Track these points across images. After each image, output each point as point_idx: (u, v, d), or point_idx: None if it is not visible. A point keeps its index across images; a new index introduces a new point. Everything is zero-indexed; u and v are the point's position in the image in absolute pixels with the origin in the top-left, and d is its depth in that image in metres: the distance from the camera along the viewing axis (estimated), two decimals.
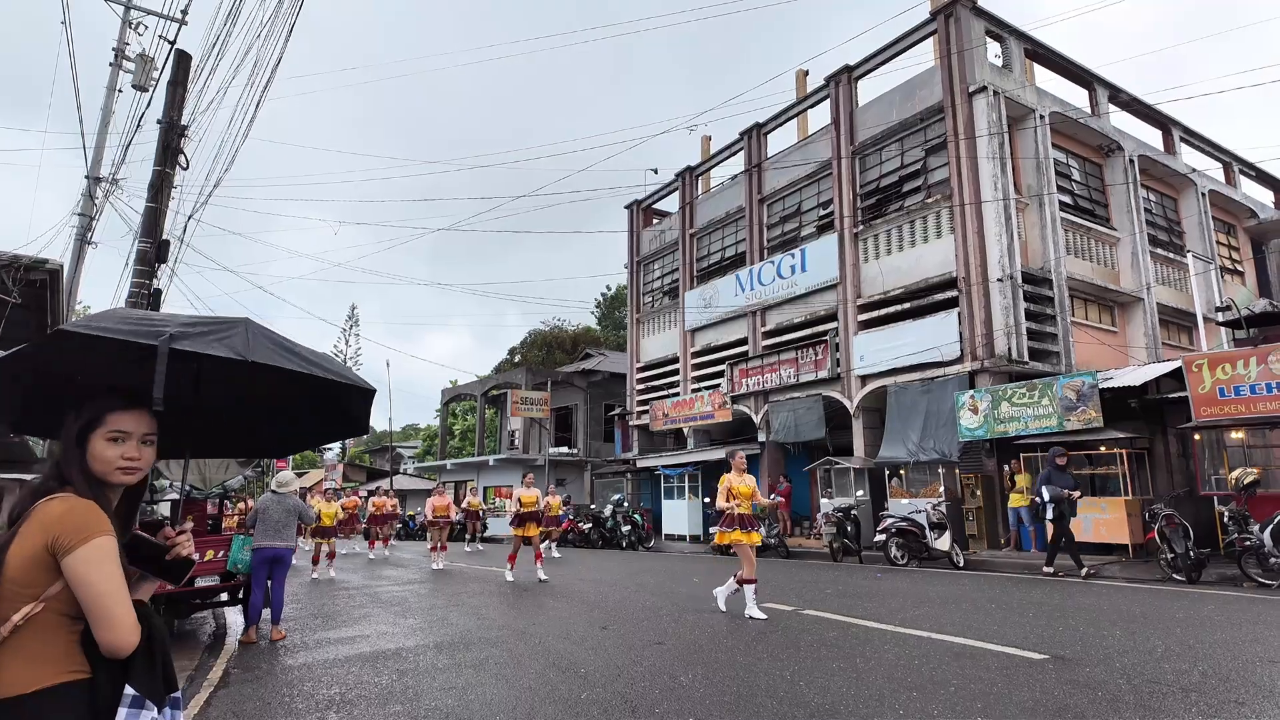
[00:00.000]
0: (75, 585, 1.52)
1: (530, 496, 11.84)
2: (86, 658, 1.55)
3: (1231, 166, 23.56)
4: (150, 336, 1.95)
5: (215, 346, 2.09)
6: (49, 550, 1.52)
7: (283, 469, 31.14)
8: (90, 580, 1.52)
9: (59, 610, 1.53)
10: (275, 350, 2.25)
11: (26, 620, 1.49)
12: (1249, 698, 4.23)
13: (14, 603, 1.49)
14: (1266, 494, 10.70)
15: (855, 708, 4.30)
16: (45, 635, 1.51)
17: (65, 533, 1.53)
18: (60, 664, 1.52)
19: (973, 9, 16.84)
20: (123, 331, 1.95)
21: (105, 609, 1.52)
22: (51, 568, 1.52)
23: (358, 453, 62.81)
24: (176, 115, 9.08)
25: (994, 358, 15.07)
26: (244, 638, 7.11)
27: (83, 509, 1.58)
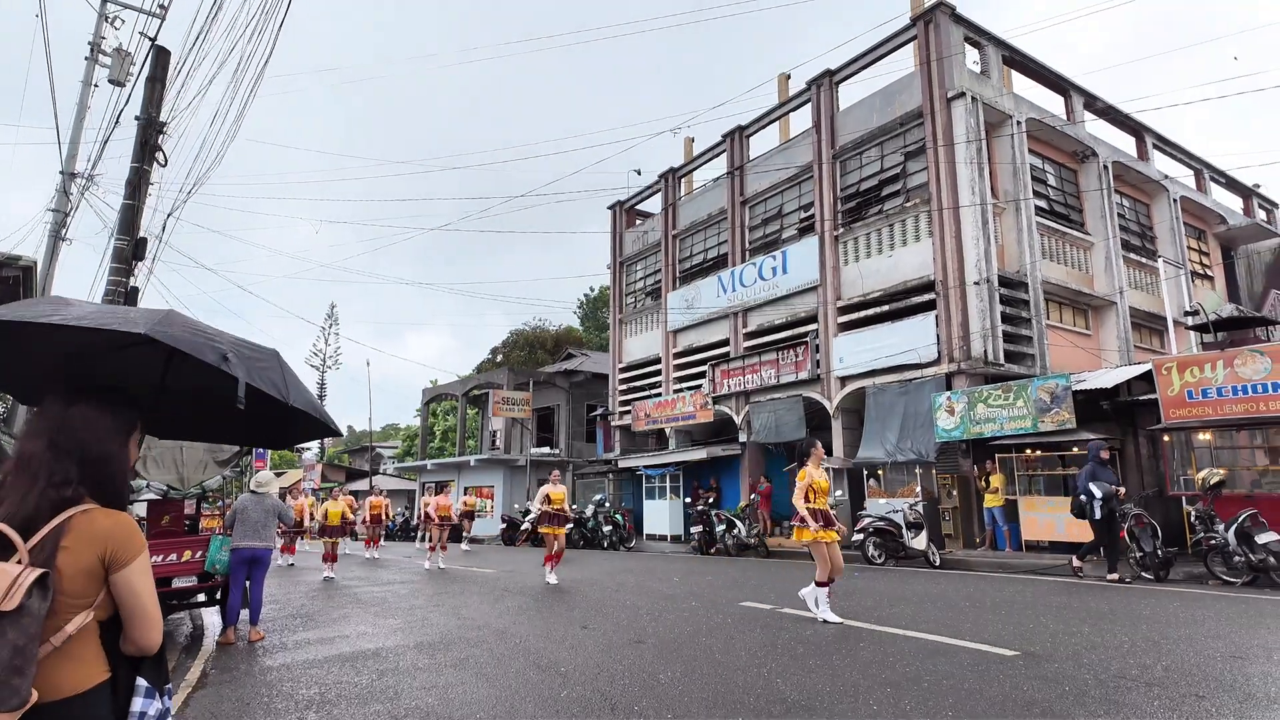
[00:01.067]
0: (126, 594, 1.64)
1: (559, 494, 11.33)
2: (107, 657, 1.66)
3: (1202, 173, 24.06)
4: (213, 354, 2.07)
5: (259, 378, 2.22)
6: (102, 563, 1.62)
7: (261, 469, 30.84)
8: (141, 589, 1.65)
9: (98, 617, 1.64)
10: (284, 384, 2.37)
11: (77, 628, 1.59)
12: (1210, 692, 4.37)
13: (67, 613, 1.58)
14: (1232, 494, 10.95)
15: (831, 704, 4.38)
16: (87, 640, 1.62)
17: (120, 547, 1.64)
18: (96, 665, 1.62)
19: (952, 16, 17.08)
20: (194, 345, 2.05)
21: (151, 612, 1.67)
22: (101, 578, 1.62)
23: (336, 453, 62.29)
24: (155, 112, 9.00)
25: (970, 360, 15.30)
26: (222, 639, 7.07)
27: (128, 523, 1.70)
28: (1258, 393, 11.06)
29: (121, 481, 1.76)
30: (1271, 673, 4.76)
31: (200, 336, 2.15)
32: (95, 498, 1.68)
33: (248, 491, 7.70)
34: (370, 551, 18.20)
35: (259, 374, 2.24)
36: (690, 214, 24.74)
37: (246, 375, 2.15)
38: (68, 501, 1.64)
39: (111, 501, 1.71)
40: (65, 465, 1.67)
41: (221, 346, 2.12)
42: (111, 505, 1.70)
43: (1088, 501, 9.78)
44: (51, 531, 1.59)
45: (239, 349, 2.26)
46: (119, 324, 2.00)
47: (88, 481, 1.69)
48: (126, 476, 1.79)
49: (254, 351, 2.33)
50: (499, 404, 29.76)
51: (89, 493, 1.68)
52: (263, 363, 2.31)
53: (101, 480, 1.71)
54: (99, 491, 1.70)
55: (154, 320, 2.02)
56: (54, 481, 1.65)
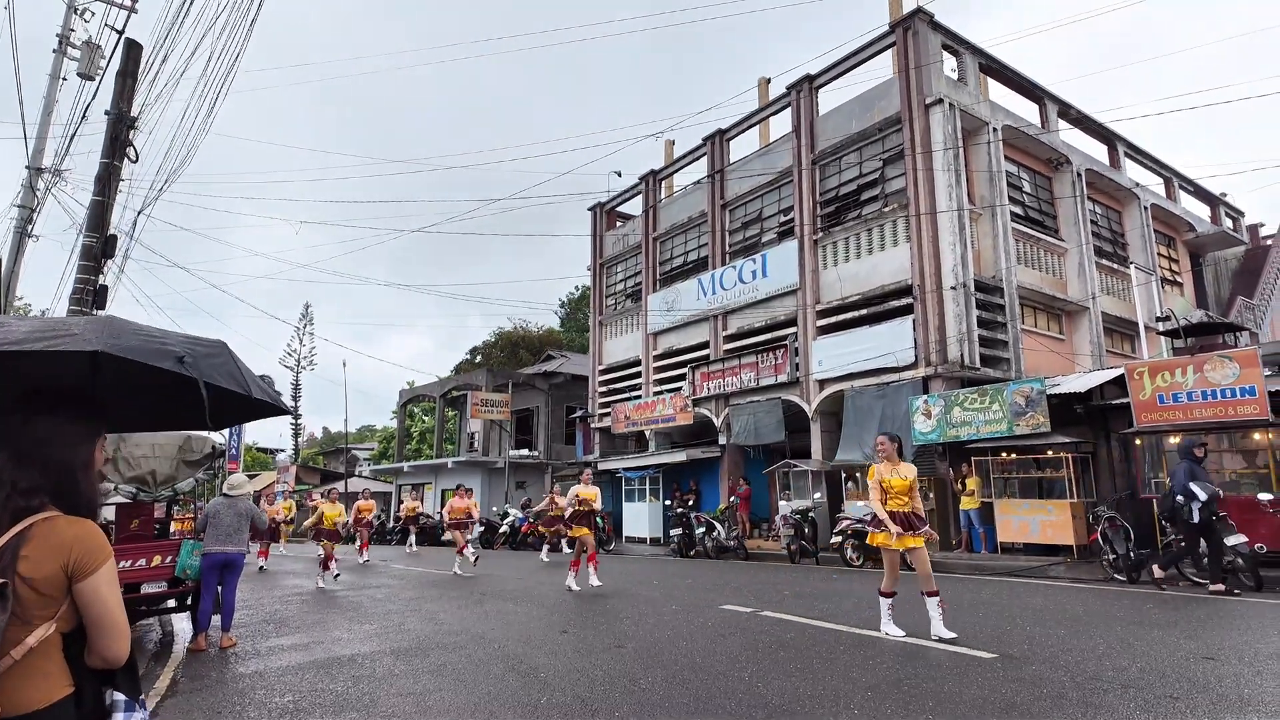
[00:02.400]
0: (91, 604, 1.58)
1: (591, 494, 10.81)
2: (71, 671, 1.60)
3: (1172, 182, 24.55)
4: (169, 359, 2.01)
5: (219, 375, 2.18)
6: (65, 573, 1.56)
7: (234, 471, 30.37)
8: (107, 599, 1.60)
9: (60, 628, 1.58)
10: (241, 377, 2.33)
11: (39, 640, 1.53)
12: (1183, 693, 4.43)
13: (28, 625, 1.52)
14: None
15: (812, 708, 4.38)
16: (50, 653, 1.56)
17: (84, 556, 1.58)
18: (60, 679, 1.56)
19: (930, 23, 17.27)
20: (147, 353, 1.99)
21: (118, 622, 1.61)
22: (64, 588, 1.56)
23: (311, 455, 61.51)
24: (126, 107, 8.81)
25: (947, 363, 15.45)
26: (193, 645, 6.92)
27: (93, 530, 1.64)
28: (1226, 397, 11.28)
29: (88, 489, 1.71)
30: (1243, 673, 4.83)
31: (151, 342, 2.11)
32: (59, 506, 1.63)
33: (220, 495, 7.55)
34: (362, 555, 17.43)
35: (217, 370, 2.21)
36: (671, 216, 24.76)
37: (205, 374, 2.12)
38: (29, 510, 1.59)
39: (76, 509, 1.65)
40: (28, 474, 1.62)
41: (174, 349, 2.09)
42: (76, 513, 1.64)
43: (1185, 503, 8.67)
44: (11, 540, 1.53)
45: (191, 348, 2.22)
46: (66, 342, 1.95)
47: (51, 490, 1.63)
48: (93, 484, 1.73)
49: (205, 348, 2.30)
50: (477, 406, 29.56)
51: (52, 501, 1.62)
52: (216, 358, 2.29)
53: (66, 488, 1.65)
54: (63, 499, 1.64)
55: (100, 332, 1.98)
56: (17, 490, 1.60)
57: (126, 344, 1.97)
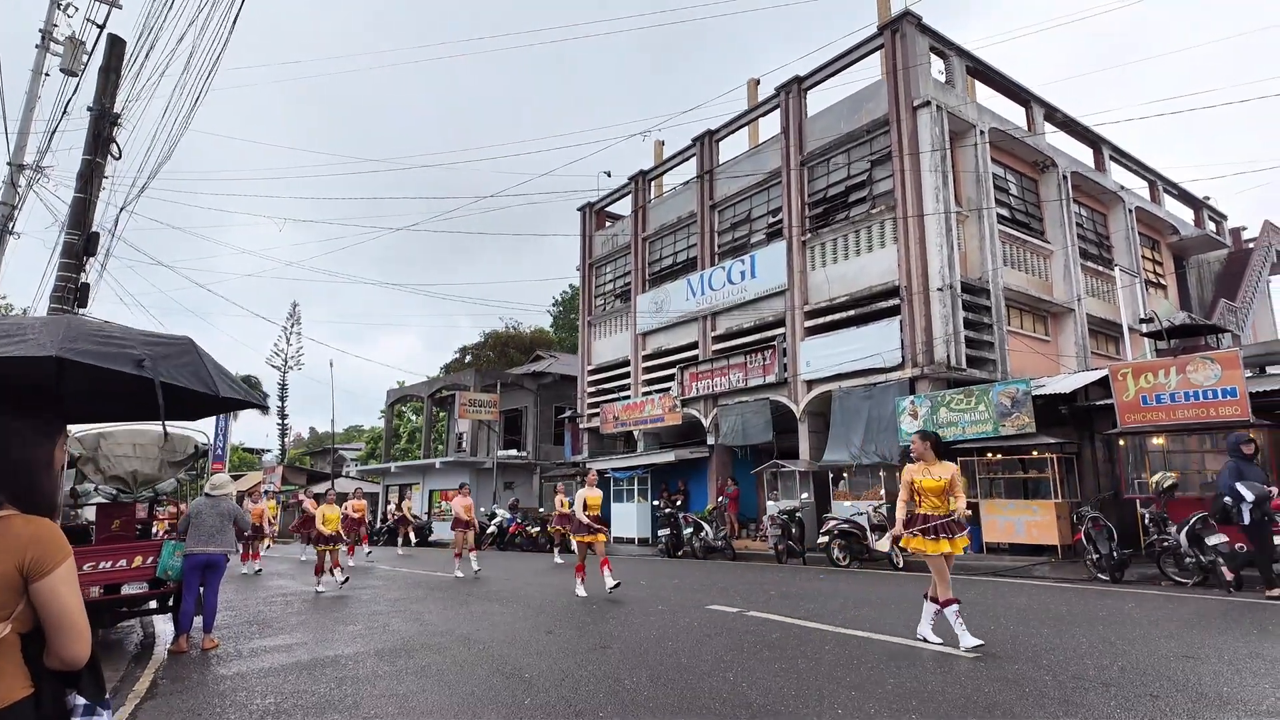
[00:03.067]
0: (48, 604, 1.54)
1: (596, 498, 10.35)
2: (29, 672, 1.56)
3: (1156, 185, 24.79)
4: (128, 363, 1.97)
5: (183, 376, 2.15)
6: (20, 572, 1.52)
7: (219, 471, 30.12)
8: (65, 599, 1.56)
9: (17, 629, 1.54)
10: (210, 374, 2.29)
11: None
12: (1163, 691, 4.46)
13: None
14: (1184, 497, 11.26)
15: (796, 707, 4.38)
16: (7, 653, 1.53)
17: (41, 555, 1.54)
18: (17, 680, 1.53)
19: (918, 26, 17.36)
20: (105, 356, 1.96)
21: (76, 624, 1.57)
22: (20, 589, 1.53)
23: (298, 455, 61.10)
24: (109, 103, 8.72)
25: (934, 364, 15.53)
26: (174, 647, 6.85)
27: (50, 529, 1.60)
28: (1208, 398, 11.40)
29: (47, 488, 1.68)
30: (1222, 672, 4.87)
31: (110, 344, 2.08)
32: (17, 505, 1.60)
33: (202, 495, 7.48)
34: (352, 559, 16.61)
35: (181, 370, 2.18)
36: (660, 217, 24.77)
37: (169, 375, 2.09)
38: None
39: (35, 509, 1.62)
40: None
41: (134, 352, 2.06)
42: (36, 512, 1.61)
43: (1234, 505, 8.22)
44: None
45: (153, 347, 2.19)
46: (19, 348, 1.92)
47: (7, 489, 1.60)
48: (53, 482, 1.70)
49: (169, 347, 2.27)
50: (465, 406, 29.44)
51: (10, 500, 1.59)
52: (181, 357, 2.26)
53: (22, 487, 1.63)
54: (20, 499, 1.61)
55: (58, 336, 1.95)
56: None
57: (83, 348, 1.94)
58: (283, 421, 58.55)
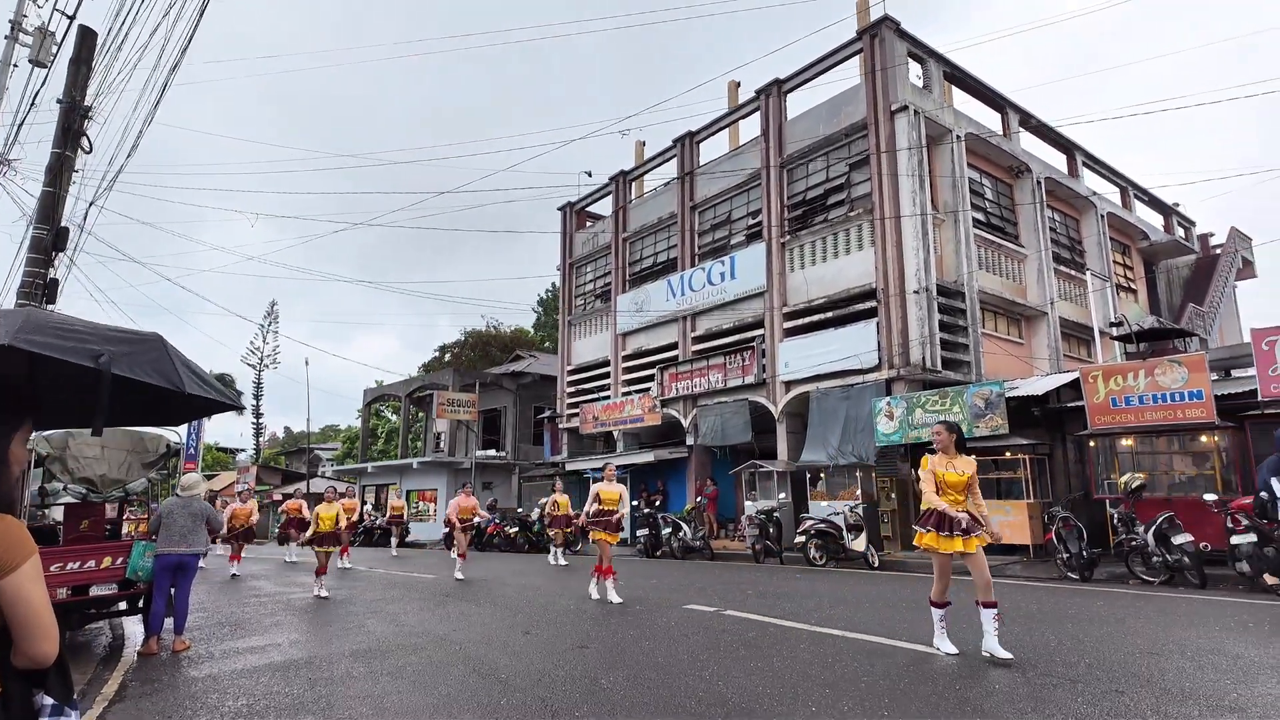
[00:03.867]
0: (13, 603, 1.51)
1: (613, 494, 9.50)
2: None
3: (1128, 191, 25.28)
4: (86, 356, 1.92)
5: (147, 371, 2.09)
6: None
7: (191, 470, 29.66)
8: (31, 597, 1.53)
9: None
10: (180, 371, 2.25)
11: None
12: (1128, 687, 4.56)
13: None
14: (1152, 497, 11.50)
15: (771, 706, 4.42)
16: None
17: (4, 553, 1.52)
18: None
19: (896, 31, 17.54)
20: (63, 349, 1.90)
21: (43, 622, 1.54)
22: None
23: (272, 454, 60.33)
24: (79, 95, 8.57)
25: (909, 366, 15.72)
26: (144, 649, 6.74)
27: (12, 526, 1.57)
28: (1175, 400, 11.65)
29: (4, 484, 1.65)
30: (1185, 668, 4.99)
31: (69, 338, 2.04)
32: None
33: (174, 495, 7.37)
34: (344, 560, 15.75)
35: (145, 366, 2.14)
36: (641, 217, 24.80)
37: (129, 370, 2.05)
38: None
39: None
40: None
41: (93, 346, 2.01)
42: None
43: (1269, 500, 7.98)
44: None
45: (118, 344, 2.15)
46: None
47: None
48: (10, 479, 1.67)
49: (135, 344, 2.23)
50: (443, 406, 29.26)
51: None
52: (148, 354, 2.21)
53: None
54: None
55: (13, 326, 1.91)
56: None
57: (39, 339, 1.90)
58: (257, 421, 57.85)
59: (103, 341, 2.12)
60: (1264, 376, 10.88)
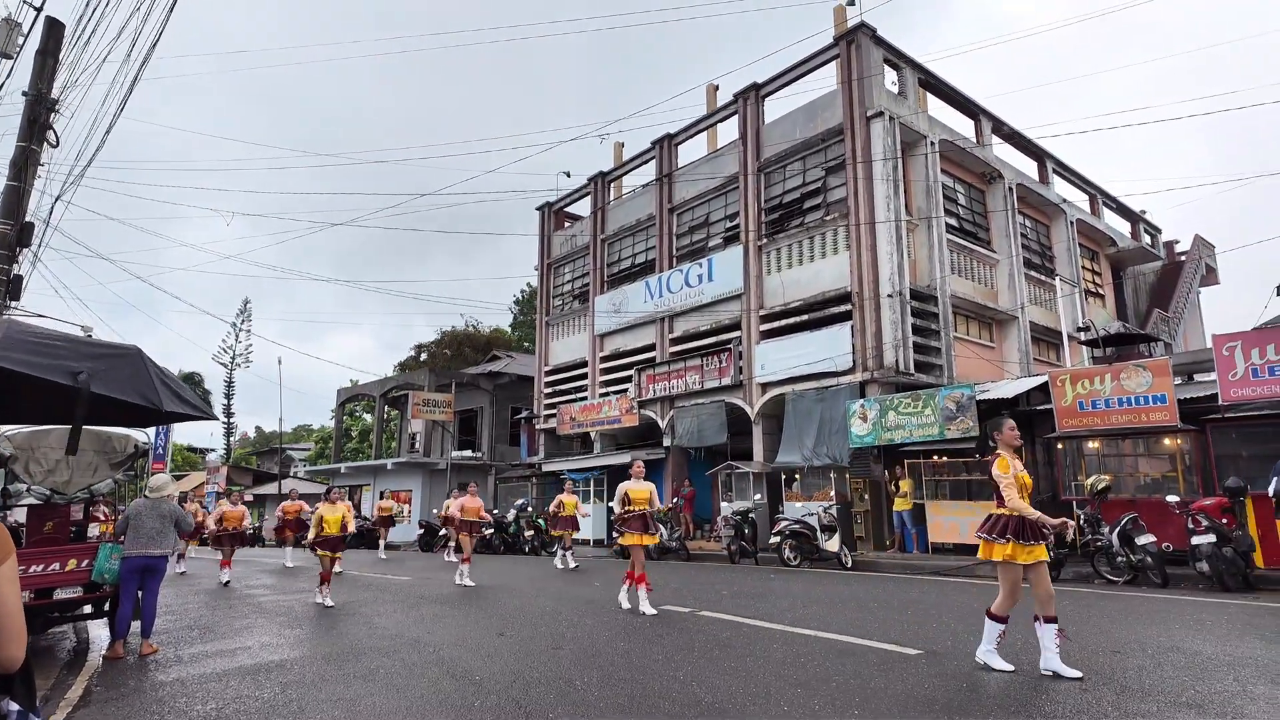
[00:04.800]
0: None
1: (643, 492, 8.64)
2: None
3: (1097, 199, 25.82)
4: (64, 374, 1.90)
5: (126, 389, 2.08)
6: None
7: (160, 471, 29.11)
8: (5, 597, 1.52)
9: None
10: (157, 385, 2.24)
11: None
12: (1091, 685, 4.67)
13: None
14: (1116, 499, 11.74)
15: (744, 705, 4.46)
16: None
17: None
18: None
19: (873, 37, 17.76)
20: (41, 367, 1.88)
21: (15, 625, 1.53)
22: None
23: (243, 454, 59.45)
24: (45, 88, 8.40)
25: (883, 369, 15.91)
26: (109, 653, 6.62)
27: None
28: (1140, 404, 11.93)
29: None
30: (1145, 665, 5.12)
31: (46, 354, 2.03)
32: None
33: (141, 496, 7.25)
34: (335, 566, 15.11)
35: (124, 384, 2.13)
36: (619, 219, 24.82)
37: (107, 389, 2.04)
38: None
39: None
40: None
41: (71, 364, 2.00)
42: None
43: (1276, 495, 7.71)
44: None
45: (95, 358, 2.13)
46: None
47: None
48: None
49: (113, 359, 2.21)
50: (419, 406, 29.03)
51: None
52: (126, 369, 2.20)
53: None
54: None
55: None
56: None
57: (18, 356, 1.89)
58: (228, 421, 56.93)
59: (81, 357, 2.09)
60: (1224, 381, 11.17)
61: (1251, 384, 10.93)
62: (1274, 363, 10.75)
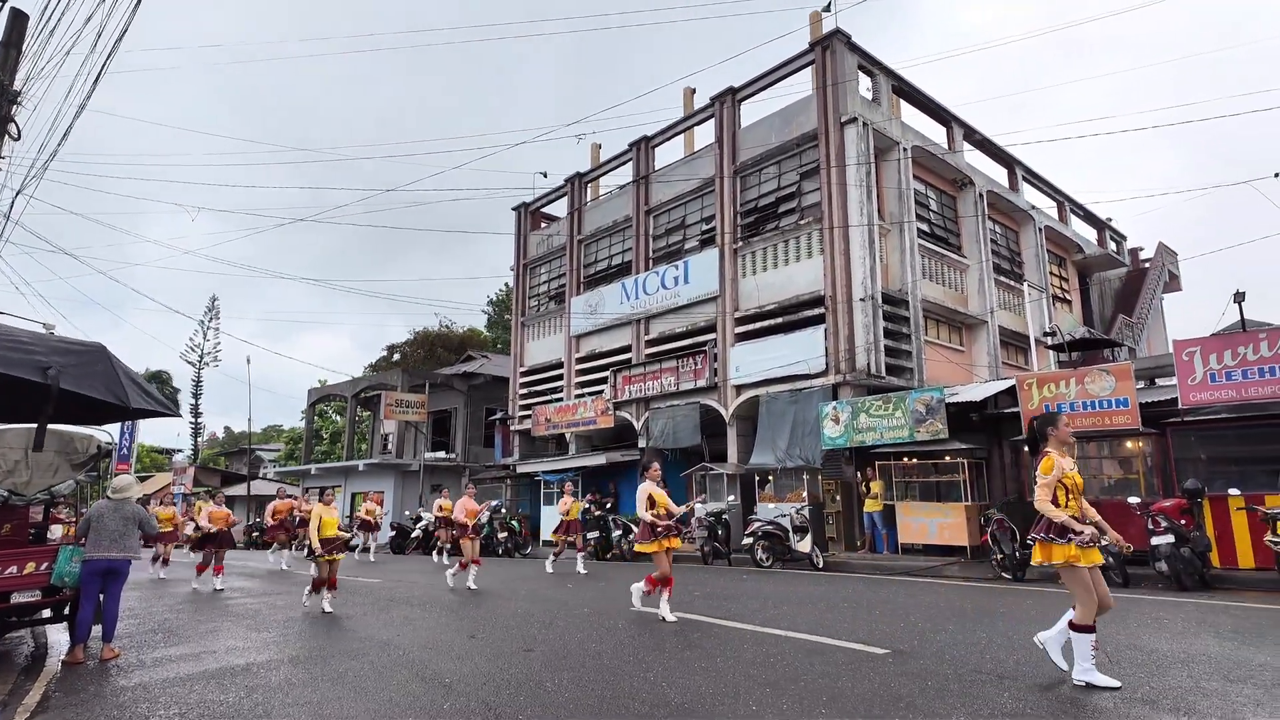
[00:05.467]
0: None
1: (663, 495, 8.39)
2: None
3: (1064, 206, 26.35)
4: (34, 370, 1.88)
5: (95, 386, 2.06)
6: None
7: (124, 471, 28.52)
8: None
9: None
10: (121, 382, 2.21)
11: None
12: (1052, 682, 4.78)
13: None
14: None
15: (713, 705, 4.50)
16: None
17: None
18: None
19: (848, 44, 17.96)
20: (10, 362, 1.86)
21: None
22: None
23: (211, 455, 58.44)
24: (8, 80, 8.21)
25: (855, 372, 16.09)
26: (69, 657, 6.48)
27: None
28: (1104, 408, 12.20)
29: None
30: (1103, 663, 5.23)
31: (14, 350, 2.01)
32: None
33: (104, 497, 7.11)
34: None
35: (92, 381, 2.12)
36: (596, 220, 24.82)
37: (77, 385, 2.03)
38: None
39: None
40: None
41: (40, 359, 1.99)
42: None
43: None
44: None
45: (63, 353, 2.12)
46: None
47: None
48: None
49: (81, 355, 2.19)
50: (391, 406, 28.77)
51: None
52: (93, 365, 2.18)
53: None
54: None
55: None
56: None
57: None
58: (196, 420, 55.90)
59: (49, 353, 2.05)
60: (1184, 386, 11.46)
61: (1210, 388, 11.24)
62: (1231, 368, 11.07)
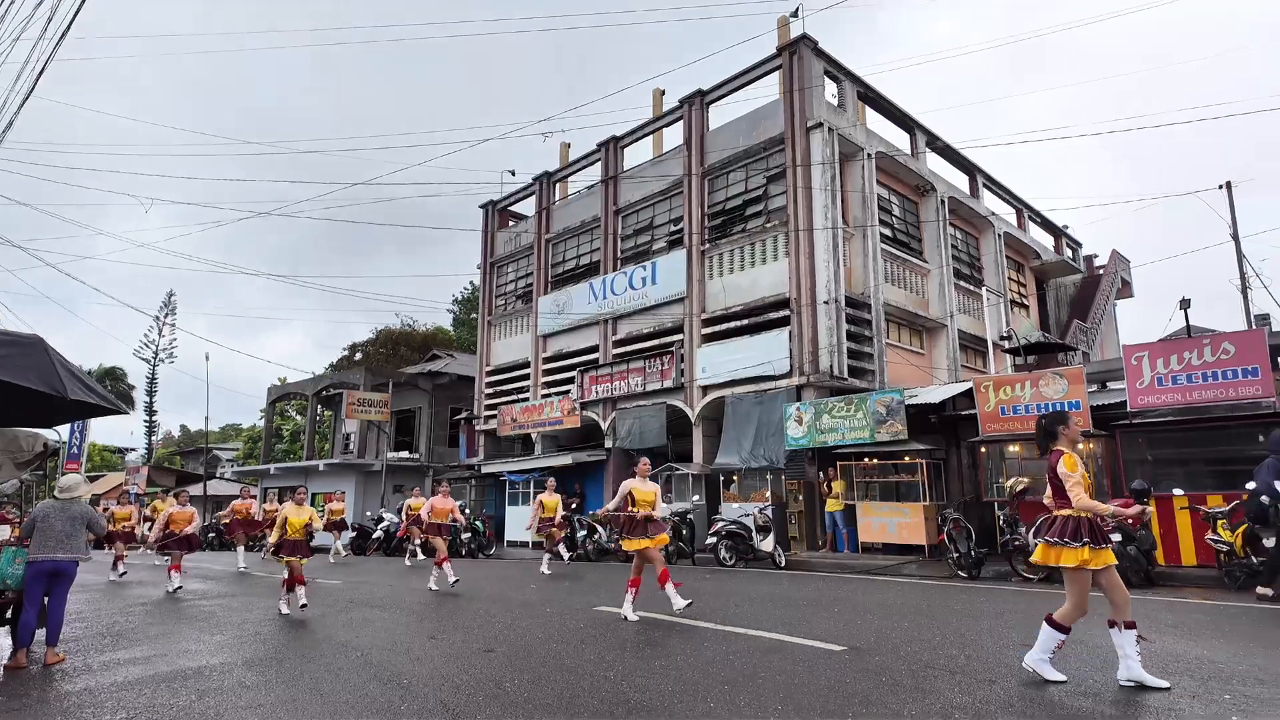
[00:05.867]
0: None
1: (648, 493, 8.06)
2: None
3: (1023, 213, 27.01)
4: None
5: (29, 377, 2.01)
6: None
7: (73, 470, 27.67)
8: None
9: None
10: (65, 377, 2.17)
11: None
12: (1000, 676, 4.91)
13: None
14: (1034, 500, 12.27)
15: (671, 703, 4.53)
16: None
17: None
18: None
19: (814, 50, 18.20)
20: None
21: None
22: None
23: (166, 454, 56.96)
24: None
25: (818, 373, 16.31)
26: (10, 662, 6.27)
27: None
28: (1056, 410, 12.52)
29: None
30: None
31: None
32: None
33: (50, 497, 6.90)
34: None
35: (26, 371, 2.07)
36: (564, 219, 24.76)
37: (10, 375, 1.98)
38: None
39: None
40: None
41: None
42: None
43: (1271, 504, 7.59)
44: None
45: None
46: None
47: None
48: None
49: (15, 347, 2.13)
50: (353, 405, 28.34)
51: None
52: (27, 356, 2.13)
53: None
54: None
55: None
56: None
57: None
58: (150, 418, 54.45)
59: None
60: (1133, 389, 11.84)
61: (1156, 392, 11.63)
62: (1177, 372, 11.47)
